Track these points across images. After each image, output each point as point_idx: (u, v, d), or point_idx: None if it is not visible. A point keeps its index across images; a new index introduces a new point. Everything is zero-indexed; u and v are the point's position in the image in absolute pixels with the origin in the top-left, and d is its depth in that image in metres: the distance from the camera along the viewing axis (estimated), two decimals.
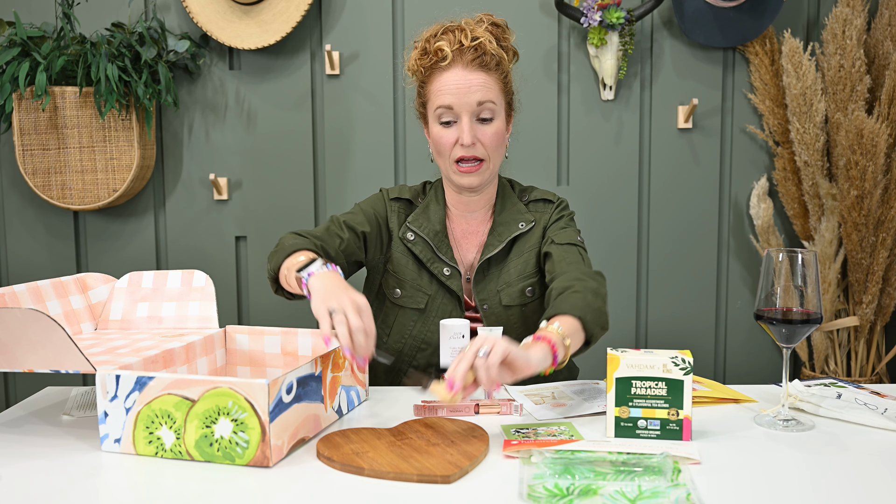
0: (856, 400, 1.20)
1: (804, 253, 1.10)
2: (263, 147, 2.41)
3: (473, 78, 1.35)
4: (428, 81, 1.39)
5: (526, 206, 1.49)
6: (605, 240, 2.41)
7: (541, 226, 1.47)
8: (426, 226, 1.45)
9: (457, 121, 1.36)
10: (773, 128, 2.33)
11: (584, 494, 0.88)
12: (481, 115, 1.36)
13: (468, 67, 1.35)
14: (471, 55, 1.35)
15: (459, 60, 1.35)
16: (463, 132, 1.35)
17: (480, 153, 1.37)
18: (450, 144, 1.37)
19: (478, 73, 1.35)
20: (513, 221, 1.46)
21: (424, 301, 1.43)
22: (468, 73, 1.35)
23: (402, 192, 1.50)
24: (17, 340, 1.04)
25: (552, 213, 1.48)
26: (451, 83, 1.35)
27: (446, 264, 1.43)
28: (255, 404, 0.97)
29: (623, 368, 1.06)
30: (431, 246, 1.44)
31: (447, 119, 1.37)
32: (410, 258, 1.45)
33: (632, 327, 2.47)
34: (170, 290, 1.42)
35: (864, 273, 2.22)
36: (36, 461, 1.02)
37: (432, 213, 1.46)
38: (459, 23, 1.39)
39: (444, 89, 1.36)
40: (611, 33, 2.26)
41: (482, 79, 1.35)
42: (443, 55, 1.35)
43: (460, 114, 1.35)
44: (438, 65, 1.36)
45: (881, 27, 2.23)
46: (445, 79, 1.36)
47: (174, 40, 2.29)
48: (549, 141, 2.40)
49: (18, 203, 2.43)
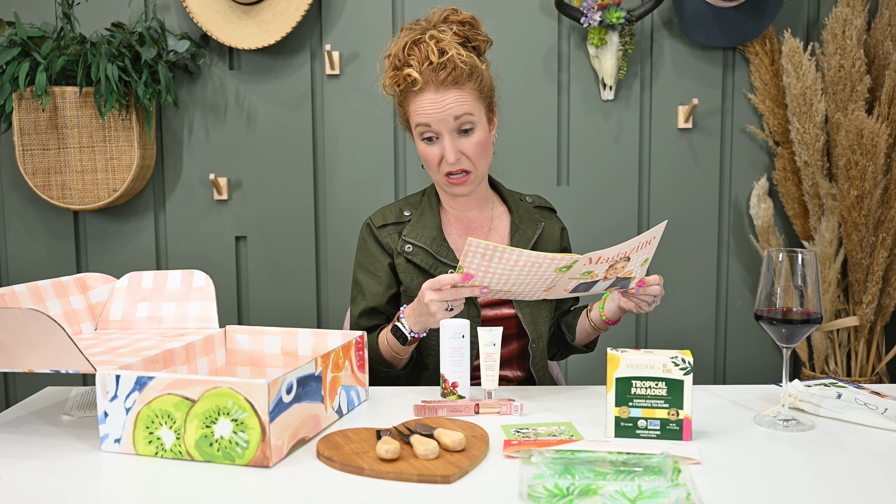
0: (856, 400, 1.20)
1: (804, 253, 1.10)
2: (263, 147, 2.41)
3: (448, 96, 1.34)
4: (404, 102, 1.40)
5: (534, 208, 1.56)
6: (605, 240, 2.41)
7: (556, 234, 1.54)
8: (422, 234, 1.46)
9: (437, 138, 1.37)
10: (773, 128, 2.33)
11: (584, 494, 0.88)
12: (461, 128, 1.37)
13: (440, 88, 1.34)
14: (442, 74, 1.34)
15: (431, 82, 1.34)
16: (446, 151, 1.36)
17: (466, 165, 1.39)
18: (436, 161, 1.39)
19: (450, 90, 1.35)
20: (530, 219, 1.52)
21: None
22: (441, 94, 1.34)
23: (386, 216, 1.50)
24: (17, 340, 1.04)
25: (561, 230, 1.57)
26: (426, 105, 1.35)
27: (450, 266, 1.43)
28: (255, 404, 0.97)
29: (623, 368, 1.06)
30: (431, 252, 1.44)
31: (429, 135, 1.38)
32: (414, 270, 1.45)
33: (632, 327, 2.47)
34: (170, 291, 1.42)
35: (864, 273, 2.22)
36: (36, 461, 1.02)
37: (427, 220, 1.48)
38: (425, 35, 1.36)
39: (419, 110, 1.36)
40: (611, 33, 2.26)
41: (455, 95, 1.35)
42: (412, 80, 1.35)
43: (440, 131, 1.36)
44: (410, 89, 1.36)
45: (881, 27, 2.23)
46: (420, 101, 1.36)
47: (174, 40, 2.29)
48: (549, 141, 2.40)
49: (18, 203, 2.43)
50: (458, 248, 1.47)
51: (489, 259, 1.15)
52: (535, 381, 1.48)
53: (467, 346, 1.25)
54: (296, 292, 2.45)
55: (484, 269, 1.17)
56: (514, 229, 1.49)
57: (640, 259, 1.20)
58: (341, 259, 2.43)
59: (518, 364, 1.49)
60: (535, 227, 1.50)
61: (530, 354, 1.46)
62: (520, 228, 1.49)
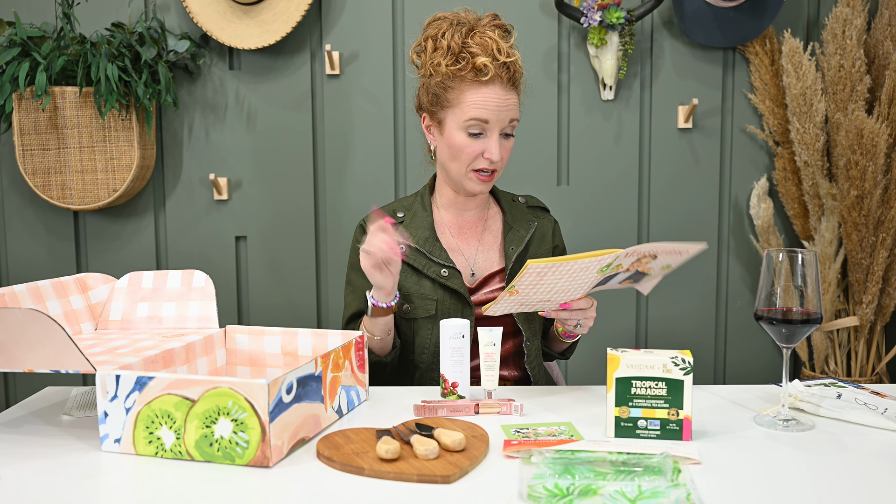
0: (856, 400, 1.20)
1: (804, 253, 1.10)
2: (263, 147, 2.41)
3: (510, 98, 1.37)
4: (456, 87, 1.37)
5: (527, 208, 1.56)
6: (605, 240, 2.41)
7: (548, 232, 1.54)
8: (415, 234, 1.47)
9: (484, 134, 1.37)
10: (773, 128, 2.33)
11: (584, 494, 0.88)
12: (507, 132, 1.39)
13: (506, 86, 1.37)
14: (507, 74, 1.36)
15: (498, 78, 1.35)
16: (493, 149, 1.37)
17: (497, 166, 1.40)
18: (473, 155, 1.38)
19: (512, 92, 1.38)
20: (523, 219, 1.52)
21: (433, 307, 1.43)
22: (506, 93, 1.36)
23: None
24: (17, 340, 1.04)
25: (553, 227, 1.57)
26: (491, 100, 1.35)
27: (443, 266, 1.44)
28: (255, 404, 0.97)
29: (623, 368, 1.06)
30: (423, 252, 1.45)
31: (478, 131, 1.37)
32: (408, 271, 1.46)
33: (632, 327, 2.47)
34: (170, 291, 1.42)
35: (864, 273, 2.22)
36: (36, 461, 1.02)
37: (419, 220, 1.49)
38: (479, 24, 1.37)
39: (481, 103, 1.35)
40: (611, 33, 2.26)
41: (515, 98, 1.39)
42: (483, 69, 1.34)
43: (492, 130, 1.37)
44: (478, 77, 1.35)
45: (881, 27, 2.23)
46: (485, 93, 1.35)
47: (174, 40, 2.29)
48: (549, 141, 2.40)
49: (18, 203, 2.43)
50: (450, 248, 1.49)
51: (543, 274, 1.15)
52: (531, 380, 1.48)
53: (467, 346, 1.25)
54: (296, 292, 2.45)
55: (535, 283, 1.17)
56: (507, 229, 1.50)
57: (664, 262, 1.21)
58: (341, 259, 2.43)
59: (514, 363, 1.49)
60: (528, 227, 1.50)
61: (525, 352, 1.46)
62: (513, 228, 1.50)
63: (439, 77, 1.38)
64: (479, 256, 1.49)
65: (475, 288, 1.47)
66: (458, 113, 1.37)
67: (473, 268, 1.49)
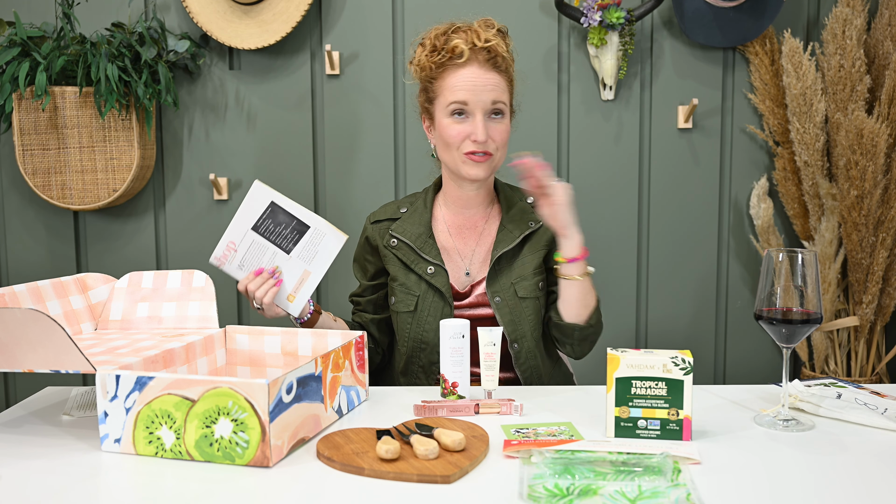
0: (856, 400, 1.20)
1: (804, 253, 1.10)
2: (263, 147, 2.41)
3: (489, 77, 1.40)
4: (439, 77, 1.42)
5: (531, 206, 1.54)
6: (605, 240, 2.41)
7: (547, 233, 1.52)
8: (409, 230, 1.49)
9: (469, 116, 1.40)
10: (773, 128, 2.33)
11: (584, 494, 0.88)
12: (493, 112, 1.41)
13: (483, 66, 1.40)
14: (485, 55, 1.40)
15: (475, 59, 1.39)
16: (477, 128, 1.38)
17: (490, 147, 1.41)
18: (461, 137, 1.40)
19: (492, 72, 1.40)
20: (522, 219, 1.50)
21: (413, 302, 1.46)
22: (484, 72, 1.39)
23: (384, 212, 1.56)
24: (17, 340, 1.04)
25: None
26: (467, 80, 1.39)
27: (430, 263, 1.46)
28: (255, 404, 0.97)
29: (623, 368, 1.06)
30: (413, 248, 1.47)
31: (460, 111, 1.40)
32: (399, 264, 1.49)
33: (632, 327, 2.47)
34: (170, 291, 1.42)
35: (864, 273, 2.22)
36: (36, 461, 1.02)
37: (417, 217, 1.51)
38: (471, 24, 1.43)
39: (459, 85, 1.39)
40: (611, 33, 2.26)
41: (496, 79, 1.41)
42: (459, 52, 1.39)
43: (474, 111, 1.39)
44: (454, 61, 1.40)
45: (881, 27, 2.23)
46: (461, 75, 1.39)
47: (174, 40, 2.29)
48: (549, 141, 2.40)
49: (18, 203, 2.43)
50: (445, 247, 1.50)
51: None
52: (521, 382, 1.48)
53: (467, 346, 1.25)
54: None
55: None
56: (501, 229, 1.50)
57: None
58: (341, 259, 2.43)
59: (503, 366, 1.48)
60: (524, 227, 1.48)
61: (512, 355, 1.46)
62: (506, 228, 1.49)
63: (425, 72, 1.44)
64: (475, 258, 1.50)
65: (468, 290, 1.47)
66: (442, 100, 1.41)
67: (469, 268, 1.49)
